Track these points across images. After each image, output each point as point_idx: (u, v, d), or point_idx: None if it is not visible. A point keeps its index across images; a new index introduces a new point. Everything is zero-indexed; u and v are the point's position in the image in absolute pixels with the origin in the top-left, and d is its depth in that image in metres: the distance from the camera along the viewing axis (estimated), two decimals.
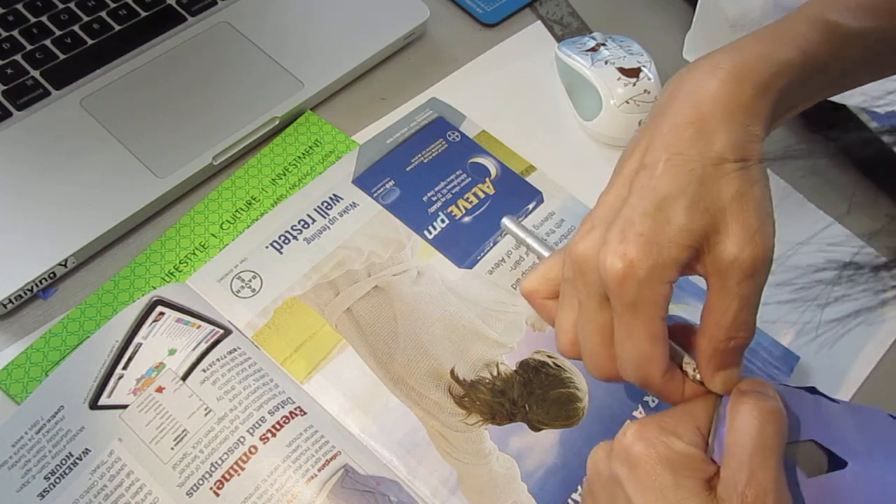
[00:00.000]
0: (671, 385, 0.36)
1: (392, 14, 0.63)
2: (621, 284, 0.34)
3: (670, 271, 0.34)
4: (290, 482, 0.42)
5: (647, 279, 0.34)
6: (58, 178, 0.51)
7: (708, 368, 0.36)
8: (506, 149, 0.58)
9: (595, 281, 0.36)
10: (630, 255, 0.34)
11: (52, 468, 0.42)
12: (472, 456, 0.45)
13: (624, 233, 0.34)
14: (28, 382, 0.45)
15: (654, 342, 0.35)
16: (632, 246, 0.34)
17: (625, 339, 0.35)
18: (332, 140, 0.57)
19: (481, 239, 0.53)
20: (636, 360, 0.36)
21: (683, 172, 0.35)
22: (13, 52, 0.56)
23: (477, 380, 0.47)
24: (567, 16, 0.67)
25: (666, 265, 0.34)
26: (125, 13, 0.59)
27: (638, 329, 0.35)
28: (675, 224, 0.34)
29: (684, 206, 0.34)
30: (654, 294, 0.34)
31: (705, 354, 0.36)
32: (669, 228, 0.34)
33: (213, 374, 0.45)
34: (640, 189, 0.35)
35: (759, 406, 0.33)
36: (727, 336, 0.35)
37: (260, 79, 0.58)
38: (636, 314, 0.35)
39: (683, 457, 0.33)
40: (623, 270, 0.34)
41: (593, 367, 0.38)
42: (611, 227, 0.35)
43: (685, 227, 0.34)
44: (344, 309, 0.49)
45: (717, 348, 0.35)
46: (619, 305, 0.35)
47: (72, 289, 0.49)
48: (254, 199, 0.54)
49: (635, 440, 0.34)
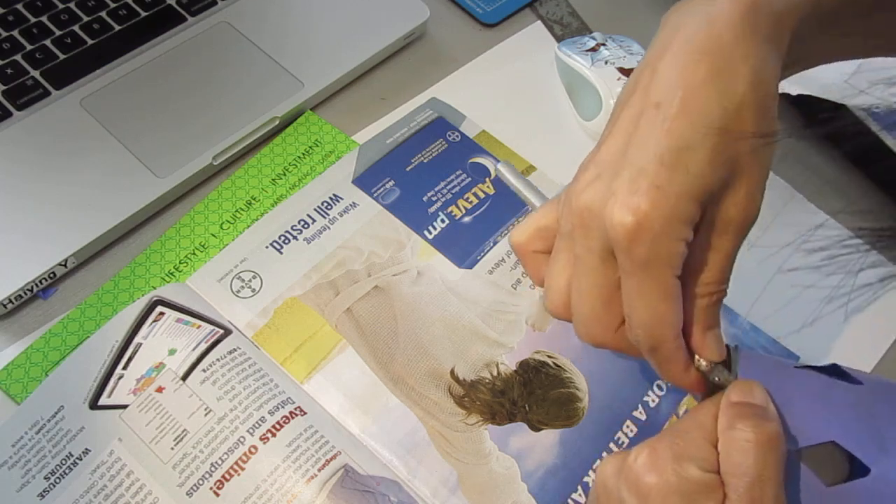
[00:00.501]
0: (680, 354, 0.34)
1: (392, 14, 0.63)
2: (633, 240, 0.31)
3: (686, 226, 0.32)
4: (290, 482, 0.42)
5: (661, 235, 0.31)
6: (58, 178, 0.51)
7: (698, 331, 0.34)
8: (506, 149, 0.58)
9: (600, 236, 0.33)
10: (643, 209, 0.31)
11: (52, 468, 0.42)
12: (472, 456, 0.45)
13: (636, 182, 0.31)
14: (28, 382, 0.45)
15: (668, 302, 0.33)
16: (645, 198, 0.31)
17: (636, 299, 0.33)
18: (332, 140, 0.57)
19: (481, 239, 0.53)
20: (648, 323, 0.33)
21: (703, 116, 0.31)
22: (13, 52, 0.56)
23: (477, 380, 0.47)
24: (567, 16, 0.67)
25: (682, 220, 0.31)
26: (125, 13, 0.59)
27: (651, 288, 0.32)
28: (695, 176, 0.31)
29: (706, 156, 0.31)
30: (669, 251, 0.32)
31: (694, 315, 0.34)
32: (688, 181, 0.31)
33: (213, 374, 0.45)
34: (651, 132, 0.32)
35: (758, 434, 0.30)
36: (710, 291, 0.34)
37: (260, 79, 0.58)
38: (649, 272, 0.32)
39: (697, 485, 0.31)
40: (635, 225, 0.31)
41: (585, 331, 0.36)
42: (618, 175, 0.32)
43: (705, 180, 0.31)
44: (344, 309, 0.49)
45: (703, 306, 0.34)
46: (630, 263, 0.32)
47: (72, 289, 0.49)
48: (254, 199, 0.54)
49: (647, 470, 0.31)
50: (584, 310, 0.35)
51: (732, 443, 0.31)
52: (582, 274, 0.35)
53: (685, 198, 0.31)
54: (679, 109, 0.31)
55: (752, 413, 0.31)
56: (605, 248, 0.33)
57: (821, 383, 0.33)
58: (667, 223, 0.31)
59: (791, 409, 0.32)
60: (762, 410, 0.32)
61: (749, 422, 0.31)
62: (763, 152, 0.32)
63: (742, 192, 0.32)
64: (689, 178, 0.31)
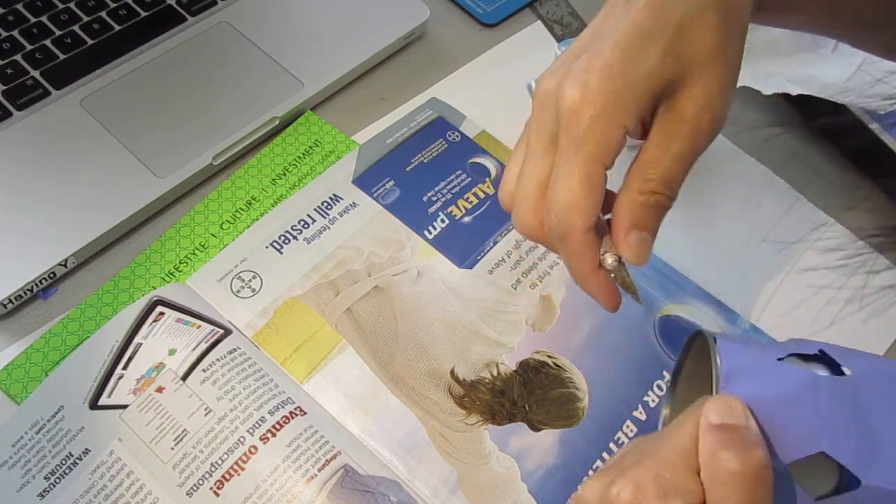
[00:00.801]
0: (588, 250, 0.34)
1: (392, 14, 0.63)
2: (574, 115, 0.32)
3: (628, 114, 0.32)
4: (290, 482, 0.42)
5: (601, 113, 0.32)
6: (58, 178, 0.51)
7: (622, 225, 0.34)
8: (506, 149, 0.58)
9: (551, 116, 0.33)
10: (591, 84, 0.32)
11: (52, 468, 0.42)
12: (472, 456, 0.45)
13: (590, 61, 0.32)
14: (28, 382, 0.45)
15: (588, 187, 0.33)
16: (594, 76, 0.32)
17: (559, 178, 0.33)
18: (332, 140, 0.57)
19: (481, 239, 0.53)
20: (563, 204, 0.33)
21: (665, 12, 0.33)
22: (13, 52, 0.56)
23: (477, 380, 0.47)
24: (567, 16, 0.67)
25: (626, 104, 0.32)
26: (125, 13, 0.59)
27: (576, 169, 0.32)
28: (646, 65, 0.32)
29: (659, 48, 0.32)
30: (605, 133, 0.32)
31: (624, 207, 0.33)
32: (639, 68, 0.32)
33: (213, 374, 0.45)
34: (616, 23, 0.33)
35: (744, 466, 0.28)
36: (651, 189, 0.33)
37: (260, 79, 0.58)
38: (579, 151, 0.32)
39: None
40: (580, 98, 0.32)
41: (518, 219, 0.36)
42: (578, 58, 0.33)
43: (655, 70, 0.32)
44: (344, 309, 0.49)
45: (637, 201, 0.33)
46: (565, 139, 0.33)
47: (72, 289, 0.49)
48: (254, 199, 0.54)
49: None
50: (521, 194, 0.35)
51: (717, 476, 0.28)
52: (528, 159, 0.35)
53: (633, 83, 0.32)
54: (644, 5, 0.33)
55: (736, 440, 0.29)
56: (553, 132, 0.34)
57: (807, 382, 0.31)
58: (610, 103, 0.32)
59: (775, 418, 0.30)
60: (746, 433, 0.29)
61: (733, 451, 0.28)
62: (726, 51, 0.33)
63: (698, 90, 0.33)
64: (641, 64, 0.32)
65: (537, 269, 0.52)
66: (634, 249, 0.34)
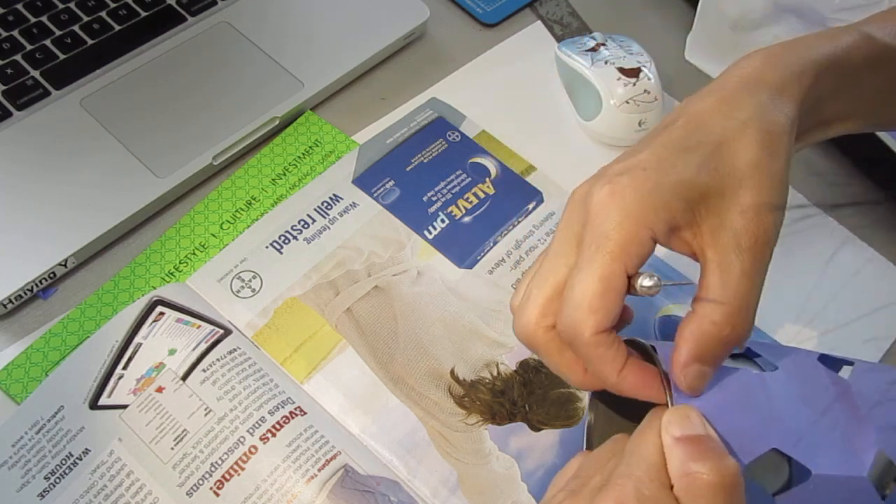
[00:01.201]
0: (600, 352, 0.31)
1: (392, 14, 0.63)
2: (601, 211, 0.31)
3: (658, 217, 0.31)
4: (290, 482, 0.42)
5: (629, 212, 0.31)
6: (58, 178, 0.51)
7: (686, 355, 0.31)
8: (506, 149, 0.58)
9: (579, 217, 0.33)
10: (622, 181, 0.31)
11: (52, 468, 0.42)
12: (472, 456, 0.45)
13: (627, 168, 0.32)
14: (28, 382, 0.45)
15: (604, 286, 0.31)
16: (627, 177, 0.32)
17: (576, 275, 0.31)
18: (332, 140, 0.57)
19: (481, 239, 0.53)
20: (575, 303, 0.31)
21: (704, 130, 0.33)
22: (13, 52, 0.56)
23: (477, 380, 0.47)
24: (567, 16, 0.67)
25: (656, 207, 0.31)
26: (125, 13, 0.59)
27: (595, 265, 0.31)
28: (682, 173, 0.31)
29: (697, 158, 0.32)
30: (631, 232, 0.31)
31: (692, 337, 0.31)
32: (673, 174, 0.32)
33: (213, 374, 0.45)
34: (655, 141, 0.33)
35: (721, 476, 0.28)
36: (724, 319, 0.31)
37: (260, 79, 0.58)
38: (601, 248, 0.31)
39: None
40: (608, 194, 0.31)
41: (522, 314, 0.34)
42: (619, 167, 0.33)
43: (690, 178, 0.31)
44: (344, 309, 0.49)
45: (708, 333, 0.31)
46: (589, 236, 0.32)
47: (72, 289, 0.49)
48: (254, 199, 0.54)
49: None
50: (532, 292, 0.33)
51: (694, 489, 0.28)
52: (548, 258, 0.34)
53: (666, 186, 0.31)
54: (681, 125, 0.33)
55: (704, 451, 0.29)
56: (580, 232, 0.32)
57: (747, 382, 0.32)
58: (638, 202, 0.31)
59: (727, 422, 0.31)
60: (711, 443, 0.30)
61: (705, 463, 0.29)
62: (768, 164, 0.32)
63: (746, 200, 0.32)
64: (676, 171, 0.32)
65: None
66: (691, 383, 0.31)
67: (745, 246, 0.31)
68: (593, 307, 0.31)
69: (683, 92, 0.62)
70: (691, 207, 0.32)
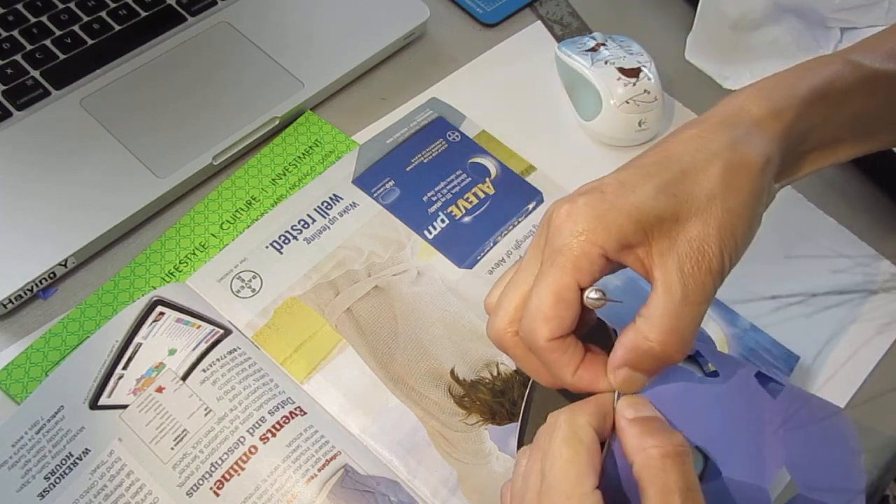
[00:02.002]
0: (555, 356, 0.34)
1: (392, 14, 0.63)
2: (557, 229, 0.34)
3: (608, 236, 0.33)
4: (290, 482, 0.42)
5: (582, 231, 0.33)
6: (58, 178, 0.51)
7: (618, 360, 0.34)
8: (506, 149, 0.58)
9: (544, 231, 0.35)
10: (579, 204, 0.34)
11: (52, 468, 0.42)
12: (472, 456, 0.45)
13: (588, 189, 0.35)
14: (28, 382, 0.45)
15: (555, 298, 0.33)
16: (584, 198, 0.34)
17: (534, 286, 0.34)
18: (332, 140, 0.57)
19: (481, 239, 0.53)
20: (531, 312, 0.34)
21: (671, 158, 0.35)
22: (13, 52, 0.56)
23: (477, 380, 0.47)
24: (567, 16, 0.67)
25: (607, 226, 0.33)
26: (125, 13, 0.59)
27: (548, 279, 0.34)
28: (638, 196, 0.34)
29: (655, 184, 0.34)
30: (581, 249, 0.33)
31: (625, 346, 0.34)
32: (629, 197, 0.34)
33: (213, 374, 0.45)
34: (629, 165, 0.36)
35: (673, 447, 0.32)
36: (657, 338, 0.33)
37: (260, 79, 0.58)
38: (554, 263, 0.34)
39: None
40: (566, 214, 0.34)
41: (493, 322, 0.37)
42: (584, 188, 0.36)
43: (645, 202, 0.33)
44: (344, 309, 0.49)
45: (640, 346, 0.33)
46: (548, 251, 0.34)
47: (72, 289, 0.49)
48: (254, 199, 0.54)
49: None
50: (502, 302, 0.36)
51: (650, 461, 0.32)
52: (518, 270, 0.36)
53: (619, 208, 0.34)
54: (659, 150, 0.36)
55: (656, 427, 0.33)
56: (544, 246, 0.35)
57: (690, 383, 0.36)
58: (590, 222, 0.33)
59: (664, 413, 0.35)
60: (659, 423, 0.34)
61: (659, 437, 0.32)
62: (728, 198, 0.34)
63: (695, 230, 0.34)
64: (633, 195, 0.34)
65: None
66: (620, 384, 0.35)
67: (687, 272, 0.33)
68: (547, 316, 0.34)
69: (683, 92, 0.63)
70: (643, 229, 0.34)
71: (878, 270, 0.55)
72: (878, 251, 0.56)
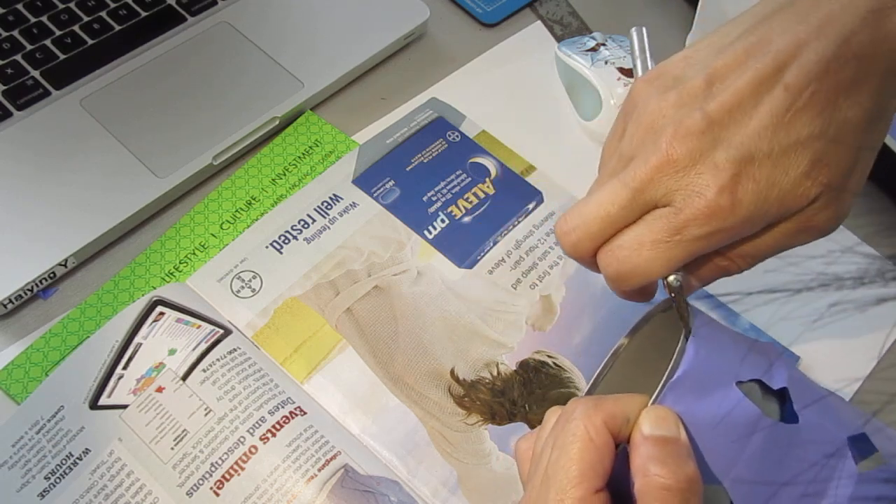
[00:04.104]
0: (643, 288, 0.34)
1: (392, 14, 0.63)
2: (709, 218, 0.31)
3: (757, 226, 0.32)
4: (290, 482, 0.42)
5: (734, 228, 0.31)
6: (58, 178, 0.51)
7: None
8: (506, 149, 0.58)
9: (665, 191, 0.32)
10: (739, 197, 0.31)
11: (52, 468, 0.42)
12: (472, 456, 0.45)
13: (741, 166, 0.30)
14: (28, 382, 0.45)
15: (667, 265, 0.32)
16: (750, 195, 0.31)
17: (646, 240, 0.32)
18: (332, 140, 0.57)
19: (481, 239, 0.53)
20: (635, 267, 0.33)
21: (823, 119, 0.30)
22: (13, 52, 0.56)
23: (477, 380, 0.47)
24: (567, 16, 0.67)
25: (760, 222, 0.31)
26: (125, 13, 0.59)
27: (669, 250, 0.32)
28: (790, 180, 0.31)
29: (808, 159, 0.30)
30: (720, 241, 0.31)
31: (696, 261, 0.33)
32: (783, 182, 0.31)
33: (213, 374, 0.45)
34: (771, 115, 0.31)
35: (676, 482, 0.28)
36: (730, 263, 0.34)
37: (260, 79, 0.58)
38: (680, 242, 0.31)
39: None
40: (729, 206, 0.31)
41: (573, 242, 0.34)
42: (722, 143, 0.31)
43: (797, 191, 0.31)
44: (344, 309, 0.49)
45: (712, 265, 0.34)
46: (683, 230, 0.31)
47: (72, 289, 0.49)
48: (254, 199, 0.54)
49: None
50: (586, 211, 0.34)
51: (649, 490, 0.29)
52: (608, 191, 0.33)
53: (775, 201, 0.31)
54: (807, 104, 0.30)
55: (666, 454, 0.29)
56: (651, 201, 0.32)
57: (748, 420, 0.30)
58: (745, 222, 0.31)
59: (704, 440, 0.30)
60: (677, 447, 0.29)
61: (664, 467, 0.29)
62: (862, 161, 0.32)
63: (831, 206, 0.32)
64: (785, 181, 0.31)
65: (537, 269, 0.52)
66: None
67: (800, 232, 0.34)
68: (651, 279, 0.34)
69: None
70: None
71: (879, 270, 0.55)
72: (879, 251, 0.56)
